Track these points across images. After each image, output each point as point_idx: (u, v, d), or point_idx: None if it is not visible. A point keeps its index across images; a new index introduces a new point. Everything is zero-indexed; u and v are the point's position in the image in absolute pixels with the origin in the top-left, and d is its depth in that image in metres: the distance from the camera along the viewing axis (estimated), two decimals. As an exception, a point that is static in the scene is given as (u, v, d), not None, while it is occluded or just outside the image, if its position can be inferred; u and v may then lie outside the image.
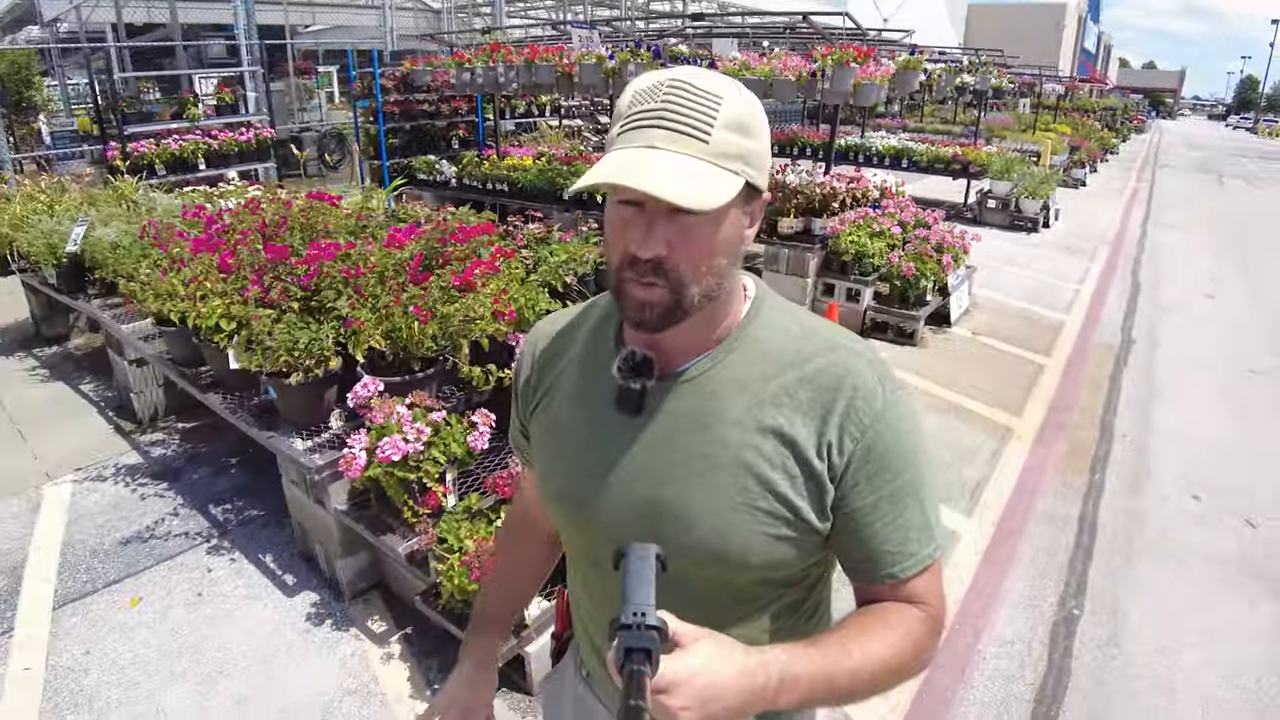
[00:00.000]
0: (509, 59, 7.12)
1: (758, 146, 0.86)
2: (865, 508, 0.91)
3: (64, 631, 2.94)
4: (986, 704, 2.55)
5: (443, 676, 2.61)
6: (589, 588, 1.11)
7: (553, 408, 1.06)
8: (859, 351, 0.94)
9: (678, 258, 0.85)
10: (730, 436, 0.92)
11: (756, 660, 0.81)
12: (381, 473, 2.34)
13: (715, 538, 0.92)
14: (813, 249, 5.91)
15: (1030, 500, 3.77)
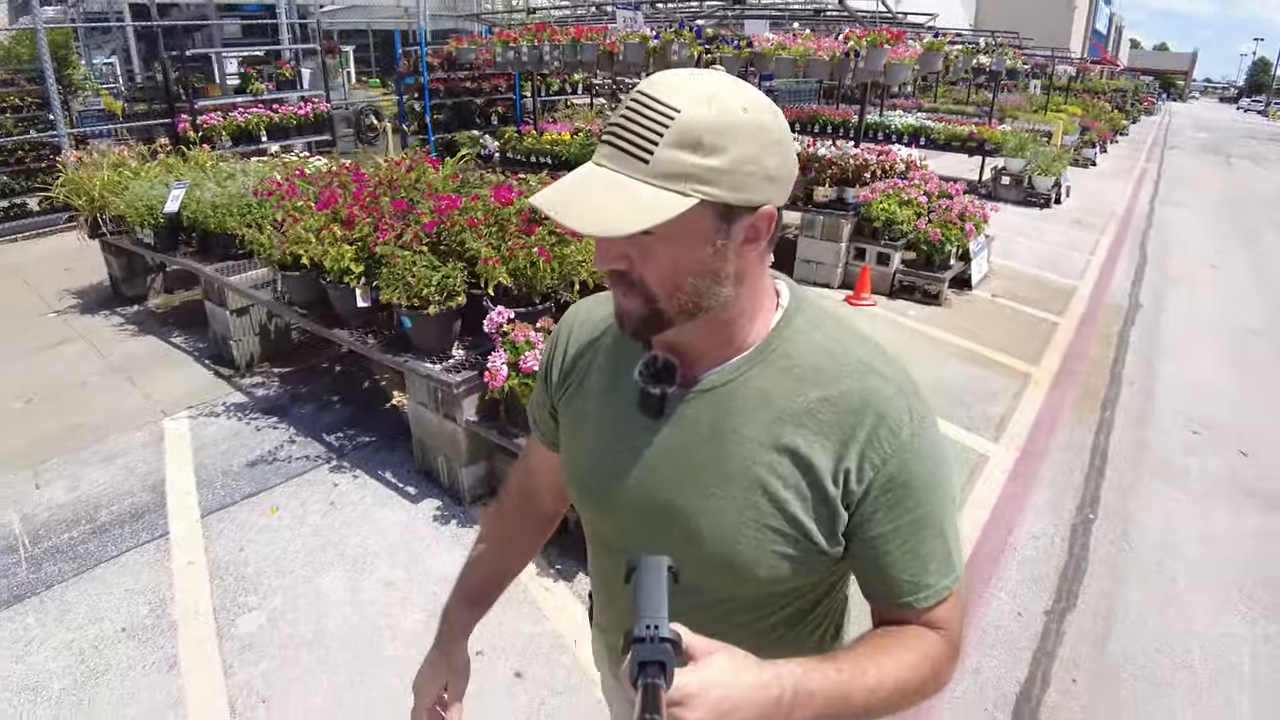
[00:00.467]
0: (554, 38, 7.54)
1: (724, 162, 0.79)
2: (884, 535, 0.90)
3: (215, 534, 3.42)
4: (1019, 581, 3.05)
5: (560, 558, 3.11)
6: (599, 566, 1.16)
7: (582, 397, 1.06)
8: (890, 377, 0.92)
9: (643, 273, 0.85)
10: (745, 452, 0.91)
11: (771, 674, 0.81)
12: (518, 383, 2.83)
13: (723, 550, 0.93)
14: (846, 216, 6.37)
15: (1049, 432, 4.25)
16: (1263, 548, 3.35)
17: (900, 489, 0.89)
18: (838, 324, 0.97)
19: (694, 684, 0.74)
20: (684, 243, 0.82)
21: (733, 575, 0.94)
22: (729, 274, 0.86)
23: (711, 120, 0.78)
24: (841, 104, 14.98)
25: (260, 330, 5.07)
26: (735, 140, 0.79)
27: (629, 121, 0.79)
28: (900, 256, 6.38)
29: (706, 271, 0.84)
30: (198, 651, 2.75)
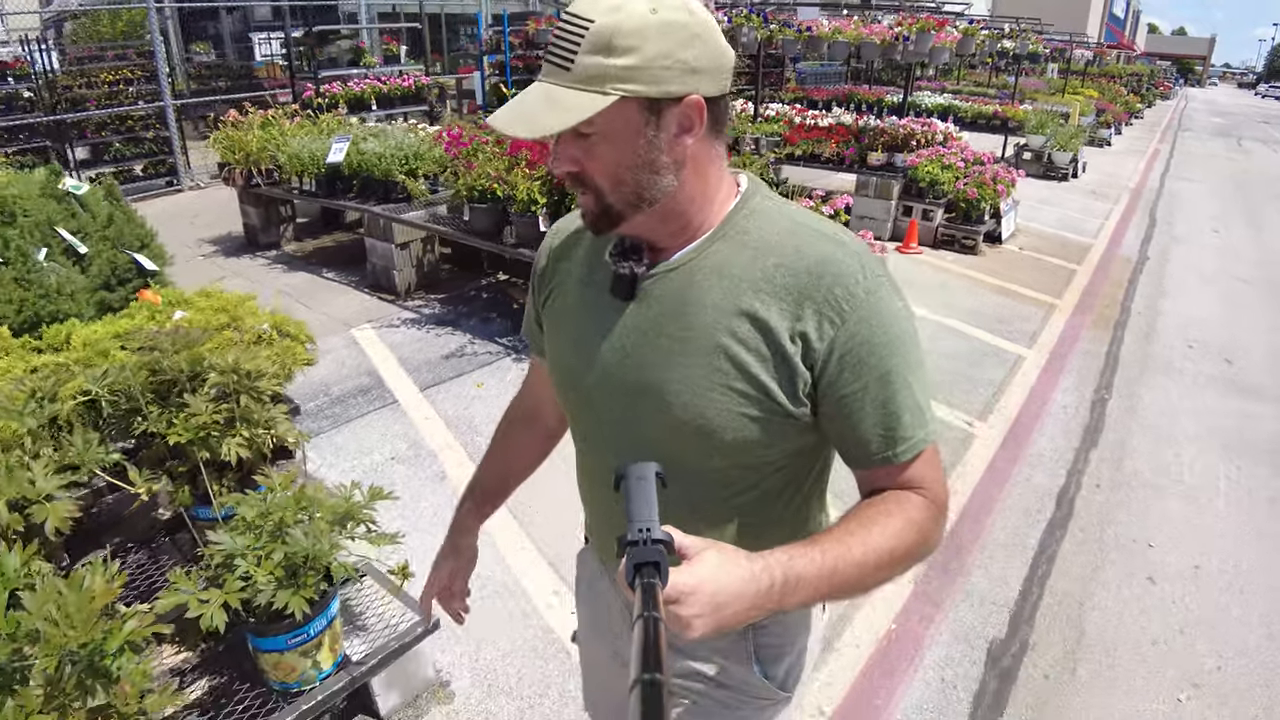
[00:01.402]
0: (635, 21, 8.54)
1: (638, 60, 0.86)
2: (854, 393, 0.93)
3: (437, 401, 4.45)
4: (1052, 436, 4.12)
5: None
6: (582, 463, 1.20)
7: (562, 299, 1.12)
8: (844, 242, 0.96)
9: (590, 171, 0.92)
10: (707, 320, 0.96)
11: (761, 565, 0.84)
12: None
13: (691, 416, 0.97)
14: (895, 177, 7.41)
15: (1071, 342, 5.32)
16: (1239, 422, 4.41)
17: (862, 345, 0.92)
18: (789, 204, 1.03)
19: (688, 581, 0.77)
20: (618, 139, 0.89)
21: (704, 440, 0.98)
22: (666, 164, 0.92)
23: (619, 24, 0.84)
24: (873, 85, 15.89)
25: (416, 263, 6.13)
26: (645, 39, 0.85)
27: (556, 39, 0.87)
28: (941, 213, 7.42)
29: (643, 163, 0.91)
30: (460, 468, 3.80)
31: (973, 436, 4.02)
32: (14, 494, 1.67)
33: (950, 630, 2.73)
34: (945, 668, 2.58)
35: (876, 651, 2.64)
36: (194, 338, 2.20)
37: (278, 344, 2.56)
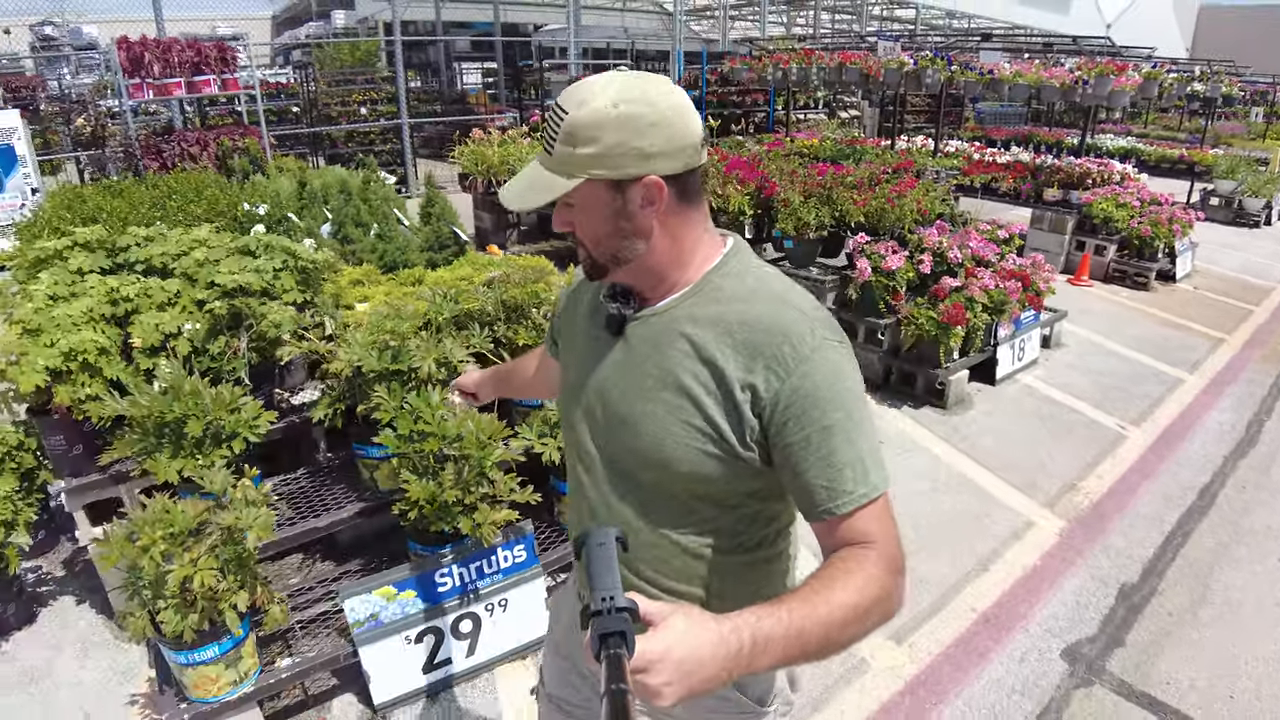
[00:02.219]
0: (822, 60, 9.35)
1: (599, 149, 1.02)
2: (797, 444, 1.03)
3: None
4: (1203, 444, 4.50)
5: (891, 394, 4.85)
6: (573, 485, 1.33)
7: (570, 330, 1.33)
8: (802, 309, 1.09)
9: (578, 232, 1.13)
10: (675, 363, 1.11)
11: (729, 626, 0.86)
12: (875, 279, 4.62)
13: (654, 445, 1.12)
14: (1070, 213, 7.76)
15: (1236, 372, 5.57)
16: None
17: (805, 399, 1.02)
18: (764, 269, 1.17)
19: (656, 648, 0.79)
20: (591, 211, 1.08)
21: (662, 469, 1.12)
22: (632, 231, 1.09)
23: (582, 120, 1.01)
24: (1053, 126, 15.85)
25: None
26: (603, 131, 1.01)
27: (545, 126, 1.06)
28: (1114, 249, 7.68)
29: (614, 231, 1.09)
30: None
31: (1124, 437, 4.48)
32: (439, 356, 2.69)
33: (1088, 572, 3.31)
34: (1080, 595, 3.16)
35: (1024, 575, 3.26)
36: (529, 277, 3.23)
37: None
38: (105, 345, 2.61)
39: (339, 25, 26.17)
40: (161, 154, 7.65)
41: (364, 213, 4.20)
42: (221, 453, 2.46)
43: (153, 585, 2.10)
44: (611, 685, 0.70)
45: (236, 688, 2.32)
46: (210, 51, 7.94)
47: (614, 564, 0.83)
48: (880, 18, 20.50)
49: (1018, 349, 5.15)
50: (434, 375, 2.65)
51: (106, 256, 3.19)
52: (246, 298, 2.82)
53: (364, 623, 2.44)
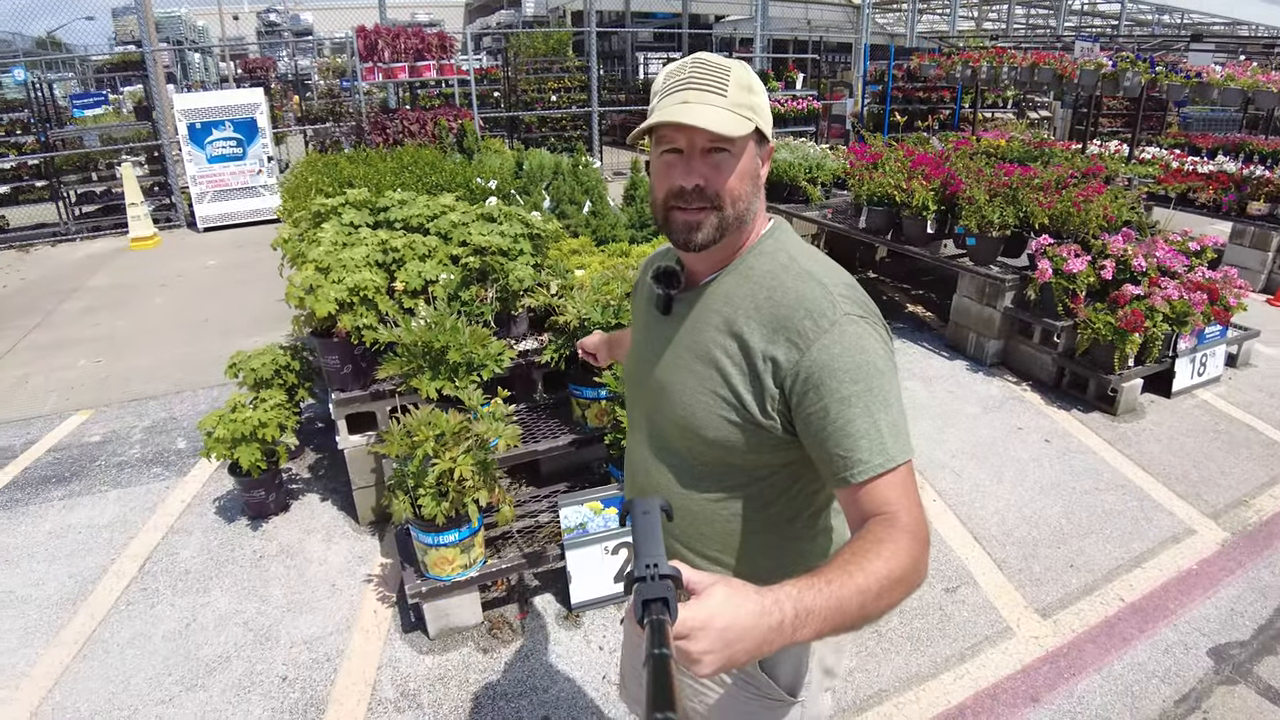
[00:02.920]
0: (1015, 61, 9.15)
1: (761, 103, 1.15)
2: (815, 414, 1.09)
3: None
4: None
5: (1060, 397, 4.93)
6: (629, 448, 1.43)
7: (638, 306, 1.44)
8: (826, 284, 1.14)
9: (715, 185, 1.14)
10: (708, 336, 1.19)
11: (771, 599, 0.87)
12: (1055, 281, 4.70)
13: (685, 412, 1.21)
14: (1276, 229, 7.28)
15: None
16: None
17: (823, 370, 1.07)
18: (797, 246, 1.22)
19: (698, 616, 0.81)
20: (745, 157, 1.14)
21: (693, 435, 1.20)
22: (757, 191, 1.18)
23: (750, 76, 1.15)
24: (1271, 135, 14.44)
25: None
26: (761, 91, 1.15)
27: (702, 74, 1.12)
28: (1330, 271, 7.14)
29: (754, 188, 1.17)
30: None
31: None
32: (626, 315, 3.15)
33: (1247, 583, 3.35)
34: (1236, 603, 3.23)
35: (1177, 576, 3.36)
36: None
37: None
38: (380, 285, 3.28)
39: (529, 13, 27.65)
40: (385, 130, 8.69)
41: (577, 192, 4.78)
42: (473, 378, 3.06)
43: (416, 475, 2.71)
44: (654, 650, 0.71)
45: (465, 570, 2.91)
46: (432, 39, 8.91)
47: (658, 532, 0.86)
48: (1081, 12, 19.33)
49: (1198, 363, 5.05)
50: (644, 331, 3.14)
51: (370, 214, 3.91)
52: (495, 256, 3.42)
53: (573, 530, 2.98)
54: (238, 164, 10.69)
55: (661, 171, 1.17)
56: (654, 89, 1.18)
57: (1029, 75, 9.16)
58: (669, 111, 1.10)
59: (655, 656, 0.70)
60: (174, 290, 8.02)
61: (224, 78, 21.04)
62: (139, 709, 2.73)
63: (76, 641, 3.08)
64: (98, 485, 4.32)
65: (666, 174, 1.16)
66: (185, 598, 3.33)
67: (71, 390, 5.62)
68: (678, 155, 1.14)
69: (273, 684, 2.82)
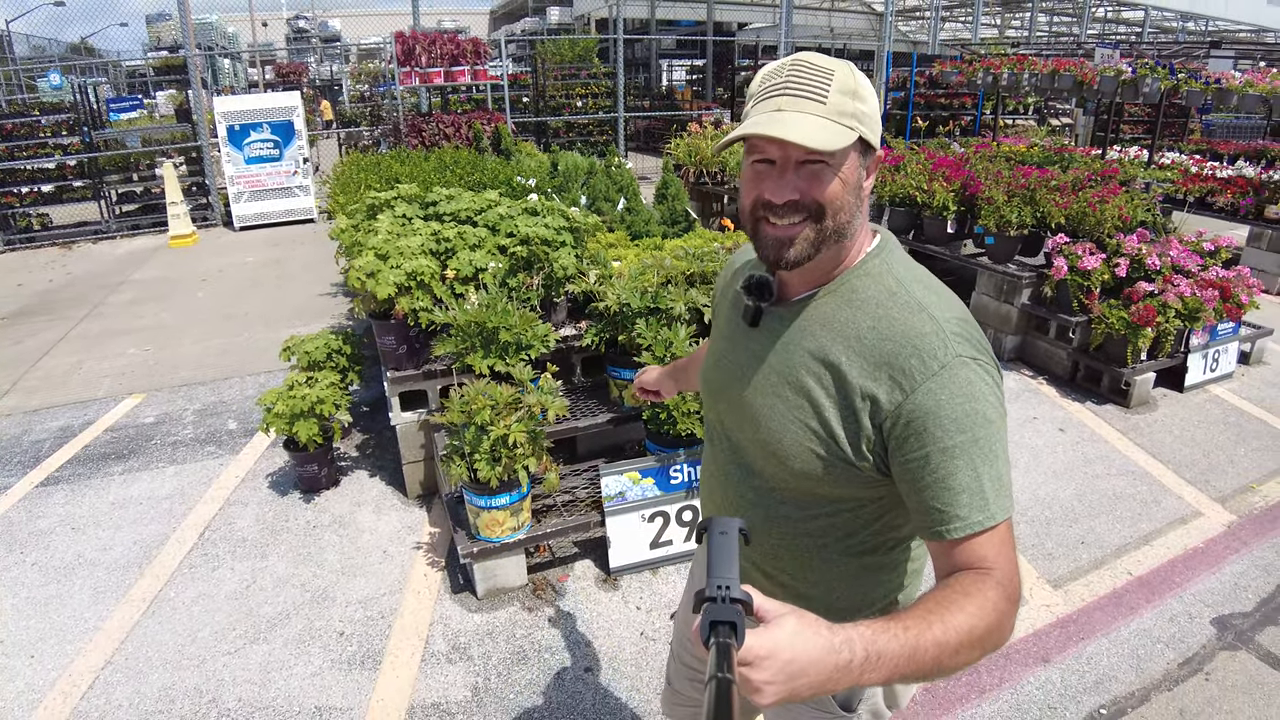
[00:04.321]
0: (1035, 68, 9.30)
1: (868, 109, 1.04)
2: (915, 462, 1.01)
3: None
4: None
5: (1075, 390, 5.09)
6: (706, 456, 1.40)
7: (720, 311, 1.36)
8: (937, 319, 1.04)
9: (811, 199, 1.04)
10: (801, 361, 1.12)
11: (842, 638, 0.83)
12: (1070, 278, 4.87)
13: (771, 439, 1.14)
14: (1296, 233, 7.40)
15: None
16: None
17: (927, 417, 1.00)
18: (908, 270, 1.13)
19: (764, 645, 0.78)
20: (847, 169, 1.05)
21: (778, 463, 1.15)
22: (863, 200, 1.10)
23: (856, 80, 1.04)
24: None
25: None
26: (870, 95, 1.06)
27: (800, 78, 1.03)
28: (1347, 275, 7.24)
29: (855, 198, 1.07)
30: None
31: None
32: (688, 301, 3.37)
33: (1251, 560, 3.51)
34: (1240, 578, 3.39)
35: (1184, 554, 3.53)
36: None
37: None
38: (434, 271, 3.52)
39: (554, 21, 27.99)
40: (422, 133, 8.98)
41: (611, 190, 5.01)
42: (521, 357, 3.29)
43: (472, 442, 2.94)
44: (717, 673, 0.70)
45: (514, 533, 3.13)
46: (466, 45, 9.19)
47: (734, 554, 0.83)
48: (1104, 19, 19.43)
49: (1210, 359, 5.19)
50: (682, 315, 3.35)
51: (420, 208, 4.16)
52: (541, 246, 3.65)
53: (613, 498, 3.19)
54: (274, 165, 11.04)
55: (751, 180, 1.10)
56: (748, 92, 1.10)
57: (1049, 81, 9.31)
58: (760, 122, 1.02)
59: (719, 680, 0.69)
60: (215, 285, 8.32)
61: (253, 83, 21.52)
62: (206, 659, 2.96)
63: (144, 600, 3.33)
64: (155, 462, 4.58)
65: (756, 184, 1.08)
66: (244, 562, 3.56)
67: (123, 376, 5.91)
68: (769, 166, 1.06)
69: (331, 638, 3.04)
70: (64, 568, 3.56)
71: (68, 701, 2.77)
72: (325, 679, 2.84)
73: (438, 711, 2.67)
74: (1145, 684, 2.80)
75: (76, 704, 2.76)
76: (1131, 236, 5.15)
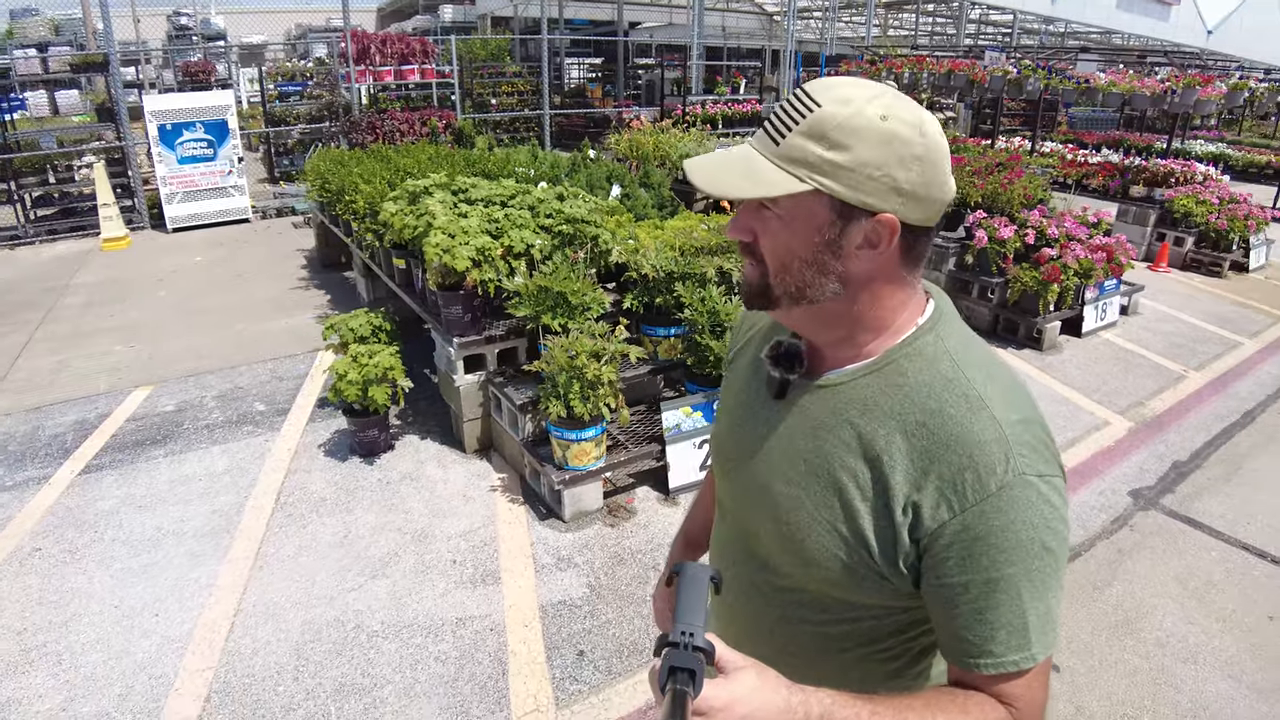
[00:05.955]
0: (933, 68, 10.51)
1: (848, 160, 0.85)
2: (954, 586, 0.88)
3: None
4: (1251, 385, 5.63)
5: (997, 339, 6.11)
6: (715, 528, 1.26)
7: (737, 364, 1.19)
8: (999, 421, 0.88)
9: (761, 246, 0.93)
10: (835, 453, 0.95)
11: (800, 698, 0.81)
12: (990, 246, 5.87)
13: (793, 536, 1.00)
14: (1152, 208, 8.82)
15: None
16: None
17: (977, 543, 0.86)
18: (965, 351, 0.95)
19: (721, 696, 0.76)
20: (796, 225, 0.89)
21: (799, 564, 1.01)
22: (837, 271, 0.91)
23: (842, 119, 0.84)
24: (1144, 132, 16.56)
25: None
26: (861, 141, 0.84)
27: (780, 110, 0.88)
28: (1191, 241, 8.71)
29: (813, 260, 0.90)
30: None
31: (1184, 377, 5.67)
32: (717, 265, 4.09)
33: (1149, 451, 4.56)
34: (1144, 464, 4.42)
35: (1101, 450, 4.55)
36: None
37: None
38: (496, 248, 4.09)
39: (447, 19, 27.90)
40: (376, 130, 9.29)
41: (601, 179, 5.65)
42: (586, 315, 3.91)
43: (565, 385, 3.55)
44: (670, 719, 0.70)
45: (596, 461, 3.77)
46: (416, 45, 9.55)
47: (703, 602, 0.82)
48: (978, 20, 21.43)
49: (1100, 310, 6.35)
50: (712, 278, 4.06)
51: (452, 194, 4.69)
52: (582, 224, 4.27)
53: (671, 429, 3.87)
54: (208, 165, 10.99)
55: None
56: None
57: (945, 80, 10.55)
58: (704, 159, 0.95)
59: None
60: (172, 285, 8.38)
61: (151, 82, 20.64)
62: (334, 597, 3.39)
63: (247, 558, 3.68)
64: (196, 443, 4.89)
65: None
66: (332, 517, 4.01)
67: (118, 371, 6.07)
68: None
69: (446, 566, 3.58)
70: (148, 540, 3.81)
71: (214, 645, 3.06)
72: (455, 596, 3.37)
73: (565, 607, 3.28)
74: (1090, 536, 3.75)
75: (224, 644, 3.06)
76: (1034, 212, 6.22)
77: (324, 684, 2.88)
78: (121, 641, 3.11)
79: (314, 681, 2.90)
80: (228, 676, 2.92)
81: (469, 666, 2.96)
